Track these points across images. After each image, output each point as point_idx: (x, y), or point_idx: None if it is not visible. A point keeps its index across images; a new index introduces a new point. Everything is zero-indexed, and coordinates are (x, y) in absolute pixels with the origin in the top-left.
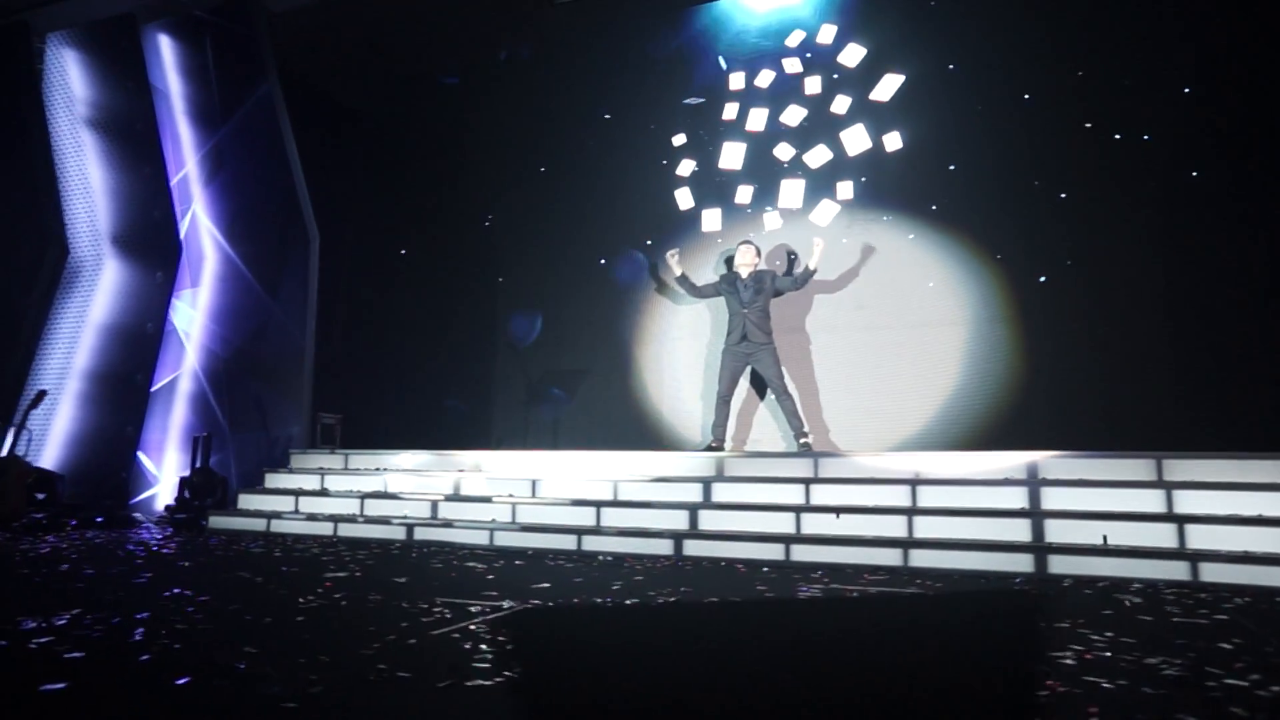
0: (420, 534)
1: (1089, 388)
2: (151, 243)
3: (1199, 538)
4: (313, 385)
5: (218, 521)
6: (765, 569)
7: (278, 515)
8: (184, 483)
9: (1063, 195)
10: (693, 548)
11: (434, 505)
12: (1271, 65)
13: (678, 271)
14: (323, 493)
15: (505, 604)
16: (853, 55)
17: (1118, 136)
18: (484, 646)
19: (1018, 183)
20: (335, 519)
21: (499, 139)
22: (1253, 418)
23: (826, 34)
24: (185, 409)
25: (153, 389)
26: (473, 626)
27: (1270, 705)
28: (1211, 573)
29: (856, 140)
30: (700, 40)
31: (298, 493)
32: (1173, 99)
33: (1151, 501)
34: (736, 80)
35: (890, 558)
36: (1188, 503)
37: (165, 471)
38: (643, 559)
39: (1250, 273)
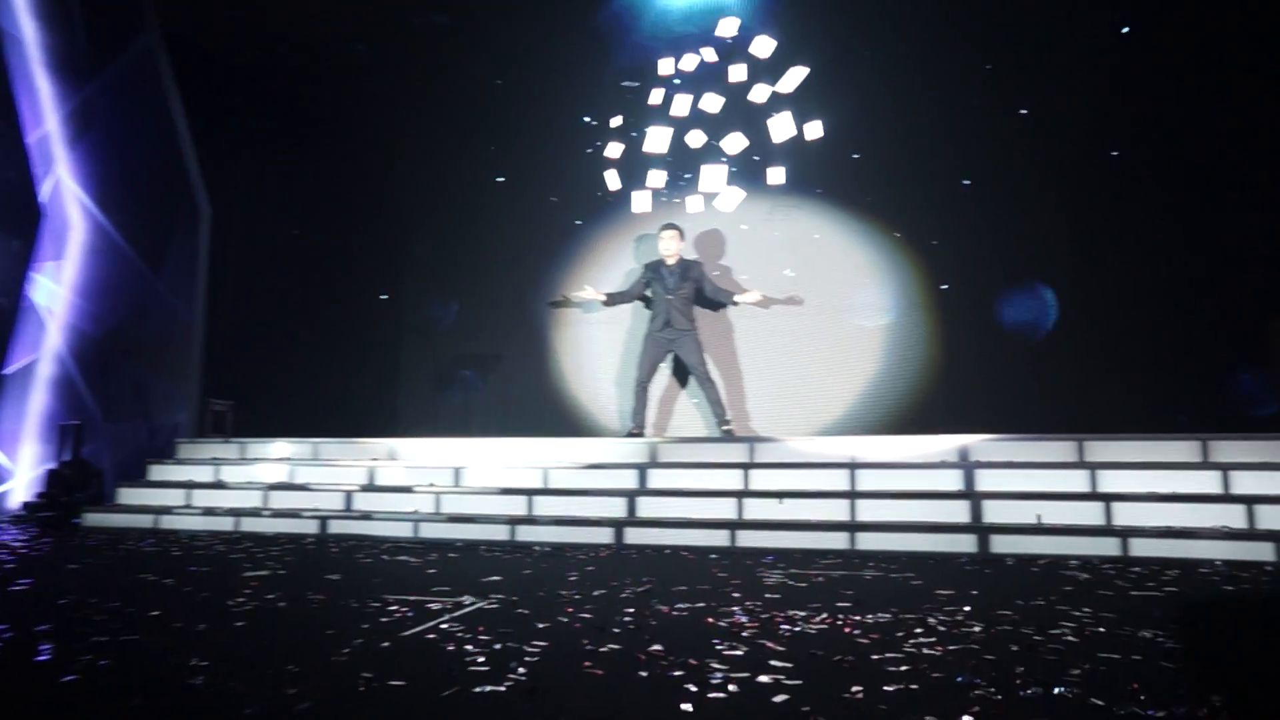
0: (335, 527)
1: (1005, 372)
2: (5, 207)
3: (1124, 515)
4: (202, 369)
5: (95, 519)
6: (714, 555)
7: (167, 510)
8: (52, 476)
9: (966, 182)
10: (634, 535)
11: (348, 496)
12: (1181, 51)
13: (601, 297)
14: (218, 485)
15: (466, 600)
16: (769, 45)
17: (1024, 113)
18: (470, 648)
19: (932, 171)
20: (236, 513)
21: (407, 112)
22: (1163, 400)
23: (748, 20)
24: (47, 395)
25: (5, 372)
26: (445, 626)
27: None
28: (1140, 548)
29: (778, 128)
30: (622, 20)
31: (189, 485)
32: (1084, 85)
33: (1077, 481)
34: (663, 65)
35: (837, 541)
36: (1110, 482)
37: (21, 465)
38: (583, 548)
39: (1161, 258)
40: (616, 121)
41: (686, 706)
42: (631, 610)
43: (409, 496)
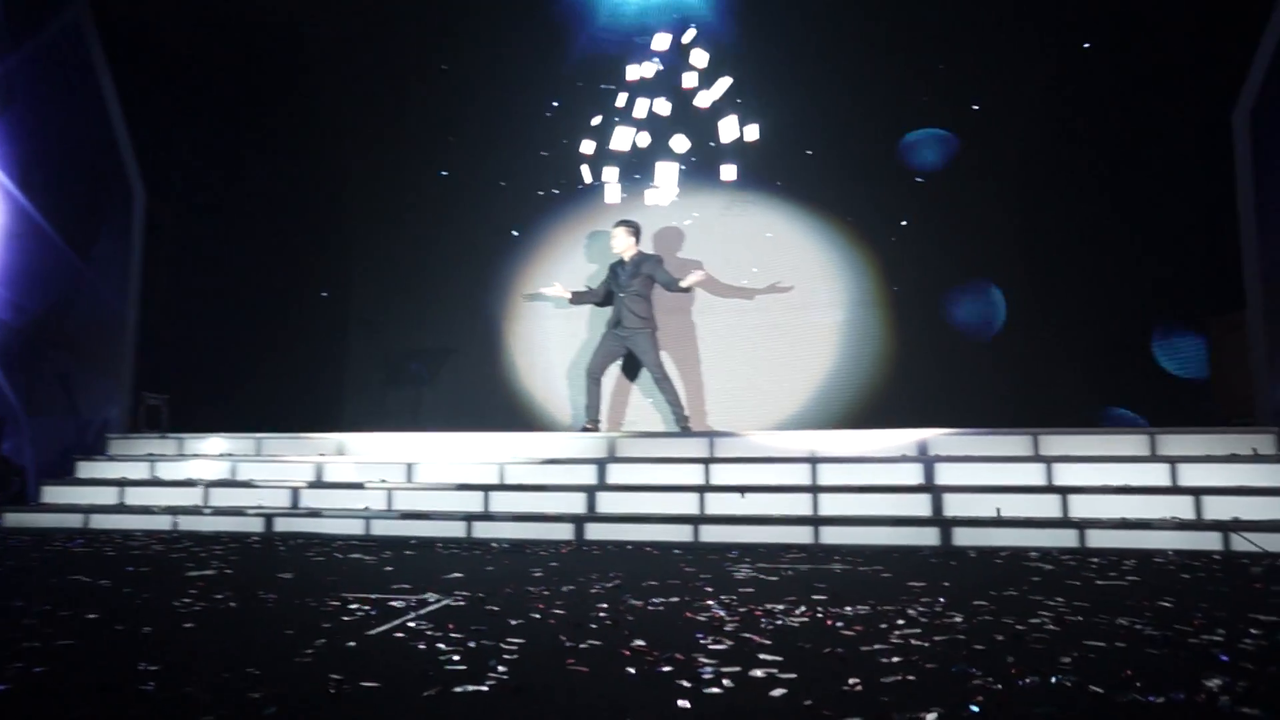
0: (282, 525)
1: (958, 368)
2: None
3: (1080, 507)
4: (135, 361)
5: (16, 519)
6: (677, 551)
7: (98, 509)
8: None
9: (919, 179)
10: (595, 531)
11: (294, 493)
12: (1121, 54)
13: (567, 295)
14: (154, 482)
15: (430, 598)
16: (700, 57)
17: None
18: (442, 646)
19: (886, 169)
20: (174, 511)
21: (355, 99)
22: (1111, 395)
23: (704, 15)
24: None
25: None
26: (412, 624)
27: (1259, 654)
28: (1097, 539)
29: (726, 129)
30: (576, 11)
31: (122, 483)
32: (1034, 86)
33: (1033, 475)
34: (616, 56)
35: (801, 535)
36: (1065, 475)
37: None
38: (543, 545)
39: (1108, 257)
40: (596, 120)
41: (684, 703)
42: (605, 605)
43: (360, 493)
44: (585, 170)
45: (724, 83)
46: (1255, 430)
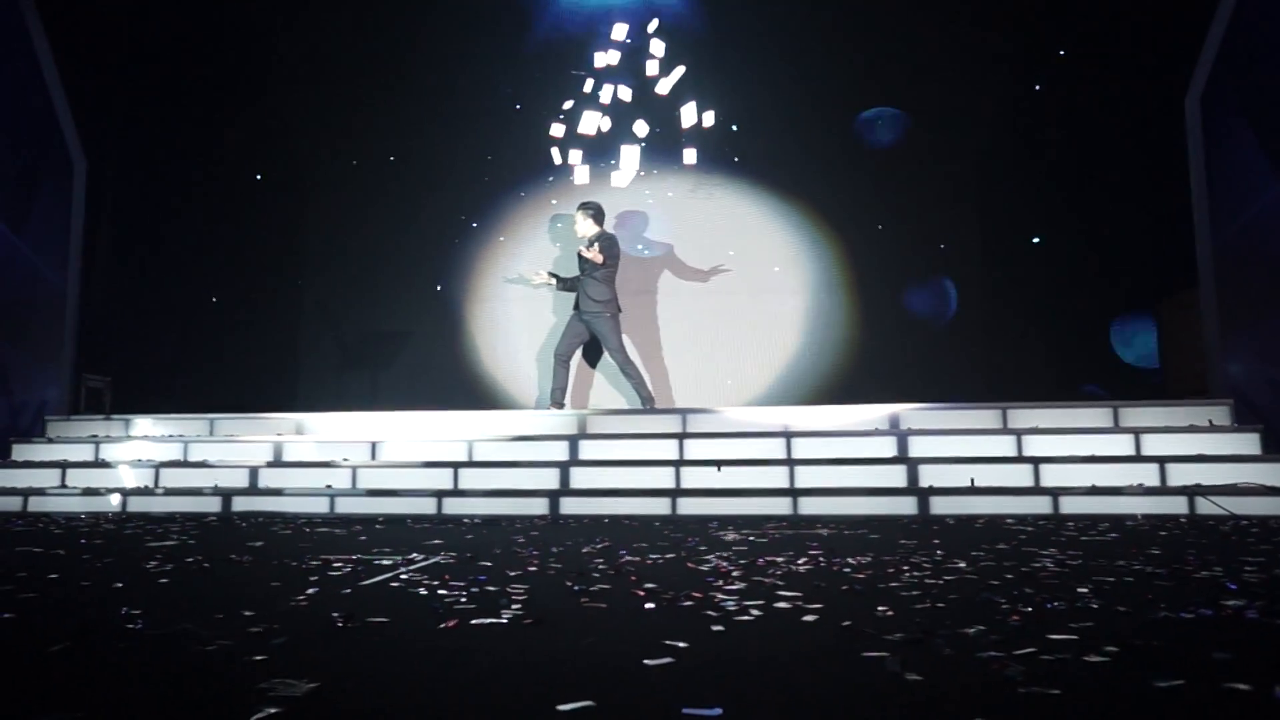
0: (241, 504)
1: (922, 347)
2: None
3: (1051, 476)
4: (76, 340)
5: None
6: (657, 523)
7: (39, 492)
8: None
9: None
10: (571, 505)
11: (253, 472)
12: (1077, 40)
13: (553, 281)
14: (99, 464)
15: (417, 557)
16: (658, 46)
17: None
18: (444, 593)
19: (849, 153)
20: (123, 492)
21: (309, 70)
22: (1073, 370)
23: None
24: None
25: None
26: (405, 576)
27: (1264, 584)
28: (1070, 505)
29: (687, 115)
30: None
31: (63, 465)
32: (985, 70)
33: (1004, 446)
34: (580, 37)
35: (780, 507)
36: (1034, 446)
37: None
38: (518, 519)
39: (1063, 236)
40: (566, 105)
41: (718, 628)
42: (601, 561)
43: (323, 471)
44: (555, 153)
45: (680, 70)
46: (1210, 402)
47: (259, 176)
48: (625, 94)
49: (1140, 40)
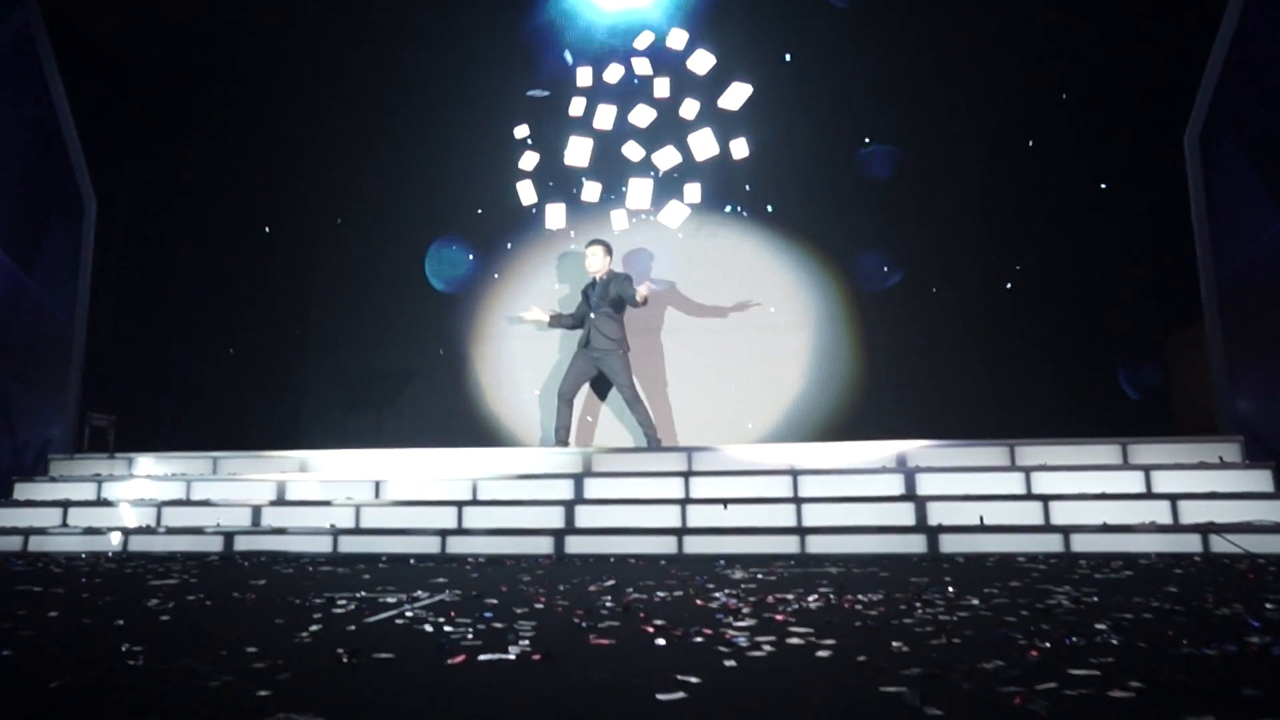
0: (244, 543)
1: (928, 382)
2: None
3: (1061, 514)
4: (81, 379)
5: None
6: (663, 562)
7: (39, 531)
8: None
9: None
10: (576, 544)
11: (255, 511)
12: (1079, 83)
13: (545, 318)
14: (101, 503)
15: (421, 595)
16: (702, 62)
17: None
18: (450, 629)
19: (854, 189)
20: (124, 531)
21: (316, 109)
22: (1080, 406)
23: (676, 37)
24: None
25: None
26: (410, 613)
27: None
28: (1081, 543)
29: (704, 145)
30: (546, 32)
31: (65, 504)
32: (991, 109)
33: (1013, 484)
34: (584, 76)
35: (788, 545)
36: (1043, 483)
37: None
38: (523, 558)
39: (1069, 272)
40: (521, 132)
41: (730, 663)
42: (609, 599)
43: (326, 510)
44: (526, 188)
45: (741, 89)
46: (1220, 439)
47: (266, 229)
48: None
49: (1139, 80)
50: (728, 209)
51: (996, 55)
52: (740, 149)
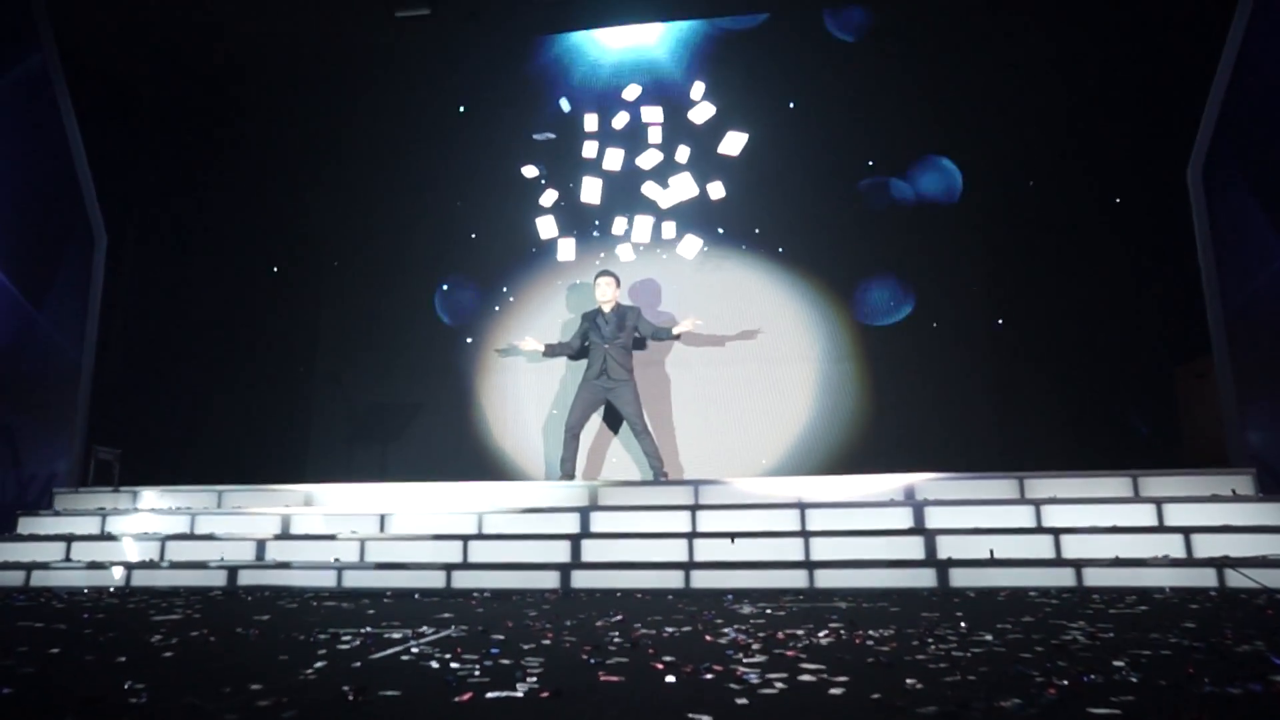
0: (247, 578)
1: (934, 415)
2: None
3: (1073, 548)
4: (88, 412)
5: None
6: (670, 596)
7: (42, 566)
8: None
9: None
10: (582, 579)
11: (260, 545)
12: (1098, 112)
13: (540, 348)
14: (105, 537)
15: (427, 630)
16: (706, 103)
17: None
18: (456, 666)
19: (858, 222)
20: (127, 565)
21: (324, 148)
22: (1088, 439)
23: (679, 73)
24: None
25: None
26: (416, 649)
27: None
28: (1094, 578)
29: (680, 188)
30: (552, 70)
31: (69, 538)
32: (997, 146)
33: (1023, 517)
34: (589, 112)
35: (796, 580)
36: (1054, 517)
37: None
38: (528, 593)
39: (1077, 306)
40: (530, 171)
41: (742, 700)
42: (617, 634)
43: (330, 544)
44: (546, 223)
45: (737, 138)
46: (1232, 471)
47: (275, 269)
48: (649, 160)
49: (1141, 115)
50: (742, 246)
51: (998, 90)
52: (716, 190)
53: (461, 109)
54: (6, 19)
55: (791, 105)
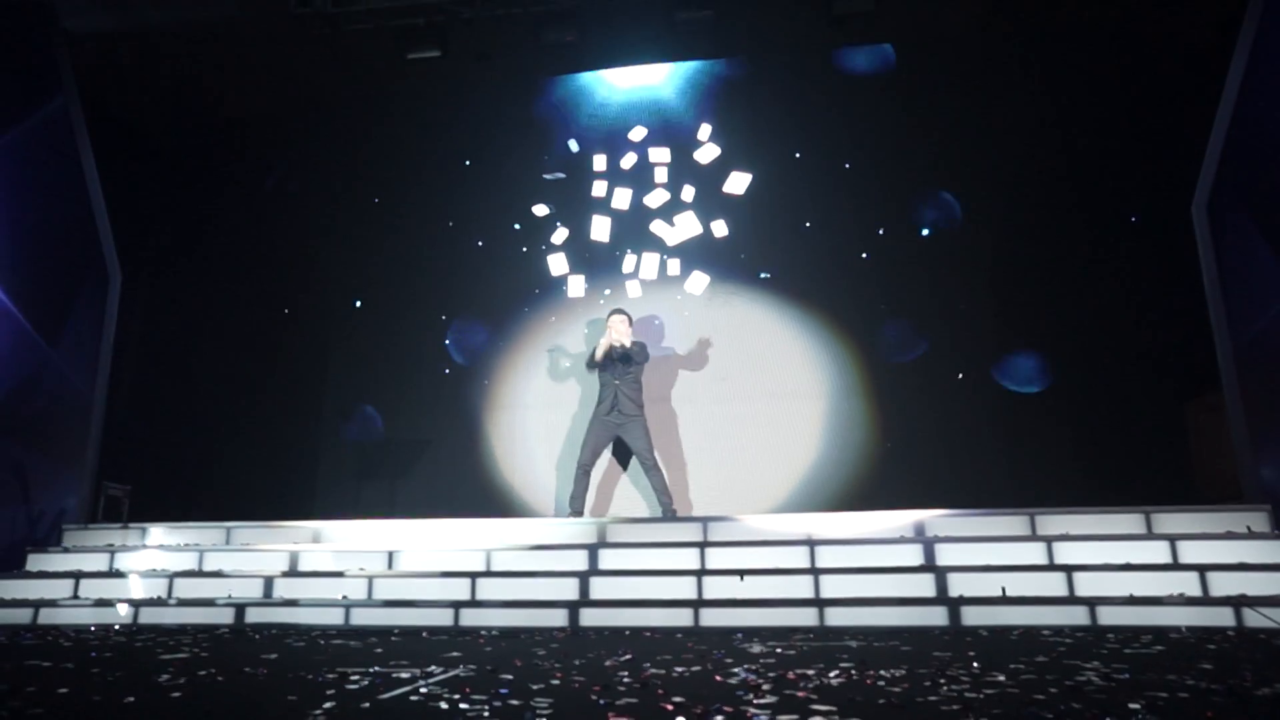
0: (255, 615)
1: (944, 451)
2: None
3: (1086, 585)
4: (98, 450)
5: None
6: (679, 635)
7: (50, 603)
8: None
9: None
10: (590, 617)
11: (267, 582)
12: (1105, 151)
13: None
14: (113, 574)
15: (435, 669)
16: (712, 145)
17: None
18: (466, 706)
19: (867, 259)
20: (134, 603)
21: (333, 191)
22: (1100, 475)
23: (686, 113)
24: None
25: None
26: (425, 689)
27: None
28: (1108, 616)
29: (712, 221)
30: (561, 110)
31: (77, 575)
32: (1002, 183)
33: (1035, 554)
34: (597, 153)
35: (807, 618)
36: (1066, 554)
37: None
38: (537, 631)
39: (1086, 342)
40: (541, 210)
41: None
42: (626, 674)
43: (338, 581)
44: (557, 261)
45: (741, 179)
46: (1247, 508)
47: (286, 311)
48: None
49: (1146, 152)
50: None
51: (1002, 128)
52: (750, 223)
53: (468, 162)
54: (34, 67)
55: (798, 155)
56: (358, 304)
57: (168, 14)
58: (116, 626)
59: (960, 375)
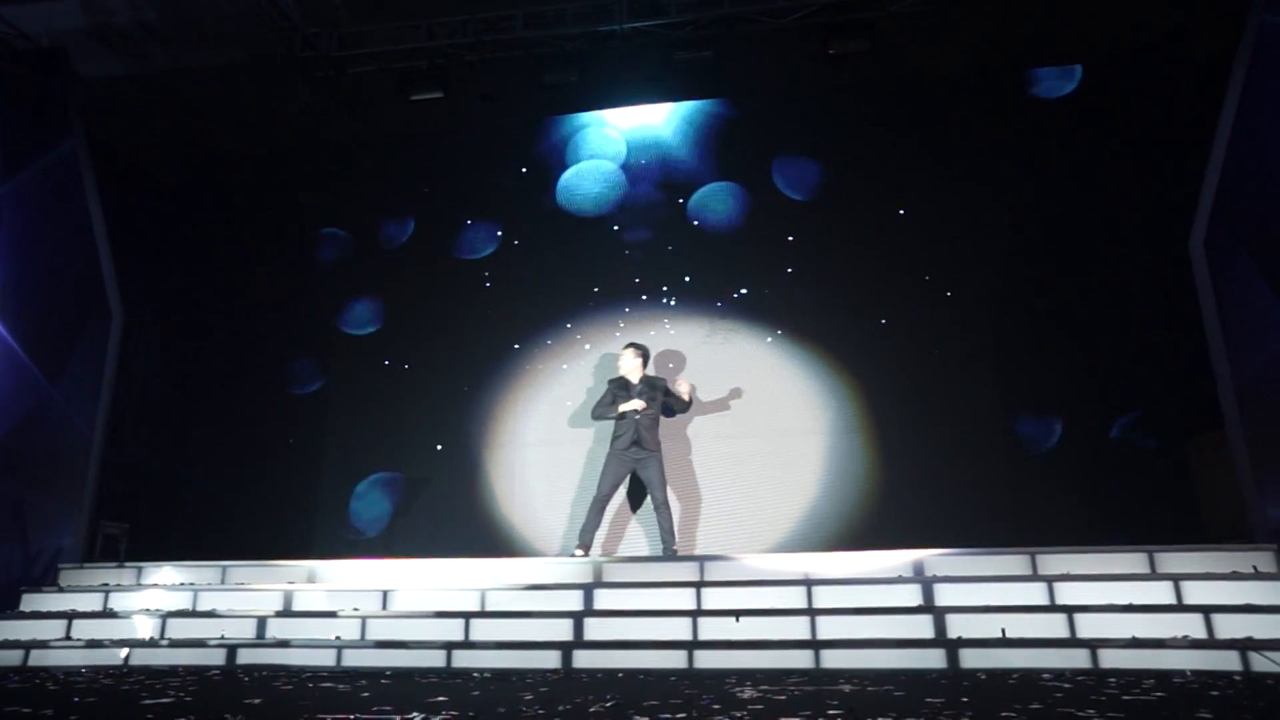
0: (246, 656)
1: (945, 490)
2: None
3: (1087, 627)
4: (96, 488)
5: None
6: (673, 678)
7: (41, 644)
8: None
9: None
10: (584, 659)
11: (261, 623)
12: (1102, 190)
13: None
14: (106, 614)
15: (417, 716)
16: (708, 181)
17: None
18: None
19: (860, 297)
20: (126, 644)
21: (332, 224)
22: (1103, 513)
23: (686, 152)
24: None
25: None
26: None
27: None
28: (1110, 659)
29: (713, 259)
30: (562, 149)
31: (70, 615)
32: (1001, 224)
33: (1035, 594)
34: (598, 190)
35: (802, 660)
36: (1067, 594)
37: None
38: (529, 673)
39: (1086, 381)
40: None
41: None
42: None
43: (332, 622)
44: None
45: (685, 228)
46: (1253, 547)
47: (288, 364)
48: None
49: (1142, 191)
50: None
51: (999, 170)
52: (748, 258)
53: (469, 221)
54: (46, 111)
55: (789, 238)
56: (385, 363)
57: (177, 58)
58: (109, 668)
59: (942, 397)
